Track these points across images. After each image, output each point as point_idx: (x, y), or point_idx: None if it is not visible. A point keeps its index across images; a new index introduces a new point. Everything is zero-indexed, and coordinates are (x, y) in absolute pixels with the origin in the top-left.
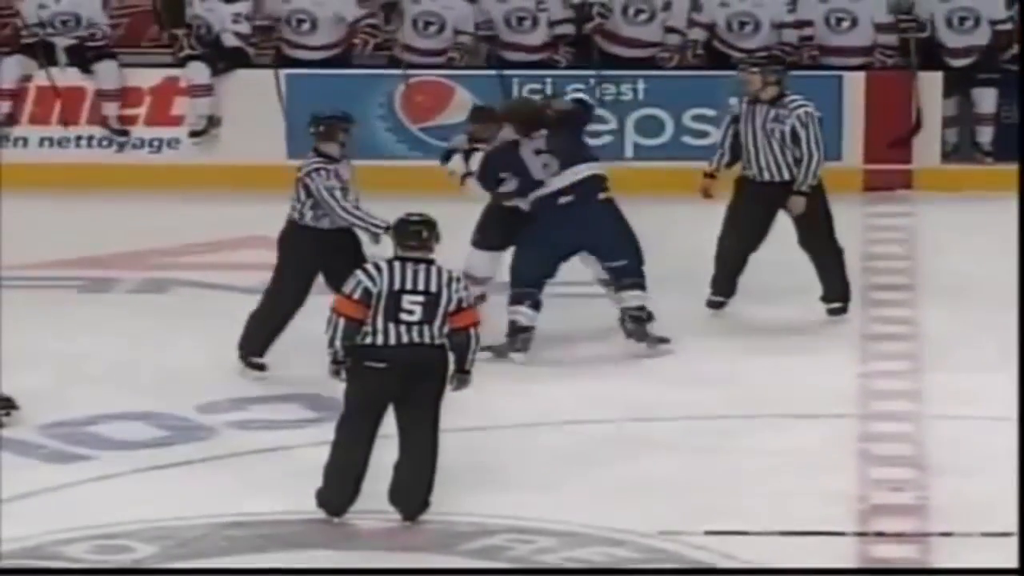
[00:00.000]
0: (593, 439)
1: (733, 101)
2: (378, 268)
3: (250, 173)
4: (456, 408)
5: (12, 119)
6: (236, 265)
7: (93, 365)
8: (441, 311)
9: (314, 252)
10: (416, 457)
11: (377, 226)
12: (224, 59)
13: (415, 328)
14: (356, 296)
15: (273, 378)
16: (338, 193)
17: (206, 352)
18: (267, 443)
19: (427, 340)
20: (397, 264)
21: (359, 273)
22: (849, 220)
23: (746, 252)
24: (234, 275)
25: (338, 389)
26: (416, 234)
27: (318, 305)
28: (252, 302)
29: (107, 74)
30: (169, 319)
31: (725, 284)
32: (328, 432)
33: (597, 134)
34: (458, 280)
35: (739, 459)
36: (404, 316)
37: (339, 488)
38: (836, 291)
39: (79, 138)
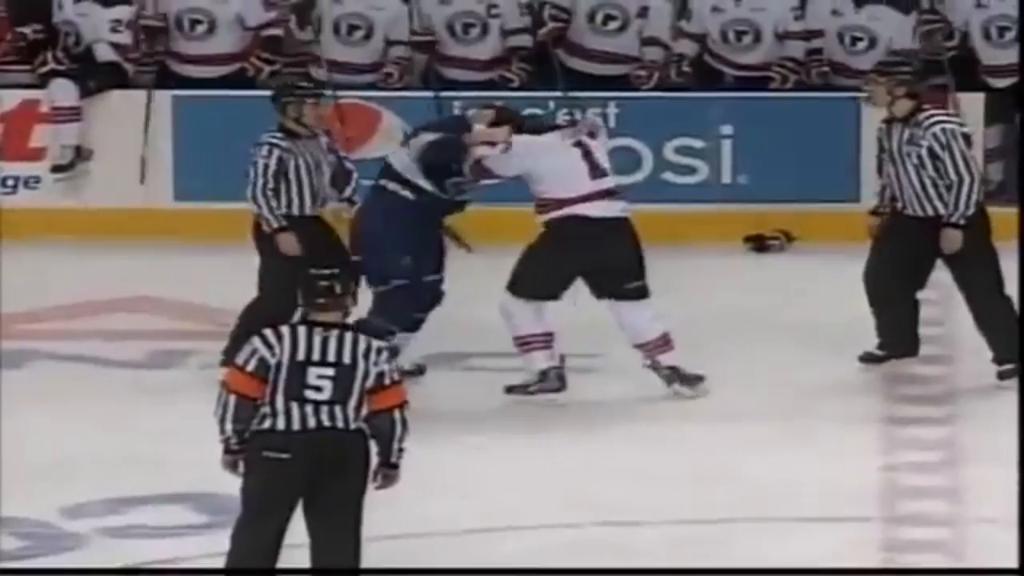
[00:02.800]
0: (557, 549)
1: (882, 127)
2: (278, 334)
3: (128, 219)
4: (386, 510)
5: None
6: (113, 333)
7: None
8: (357, 388)
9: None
10: (332, 571)
11: (269, 223)
12: (96, 76)
13: (324, 409)
14: (249, 368)
15: (156, 473)
16: (263, 171)
17: (74, 442)
18: (149, 555)
19: (340, 424)
20: (302, 329)
21: (255, 340)
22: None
23: (897, 296)
24: (110, 346)
25: (235, 486)
26: (327, 290)
27: (208, 380)
28: (134, 379)
29: None
30: (27, 400)
31: (888, 337)
32: (224, 540)
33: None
34: (379, 351)
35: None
36: (310, 394)
37: None
38: (1007, 349)
39: None
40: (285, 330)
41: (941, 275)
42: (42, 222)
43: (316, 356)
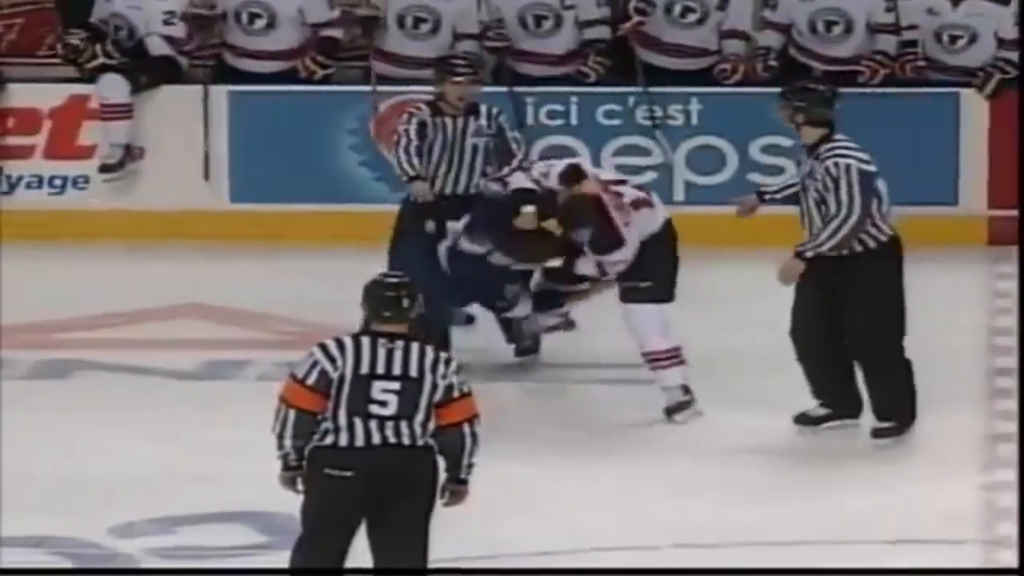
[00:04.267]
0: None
1: None
2: (340, 345)
3: (180, 222)
4: (451, 531)
5: None
6: (164, 342)
7: None
8: (424, 402)
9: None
10: None
11: (404, 173)
12: (148, 71)
13: (389, 424)
14: (310, 382)
15: (210, 491)
16: (404, 134)
17: (123, 457)
18: None
19: (406, 440)
20: (366, 341)
21: (315, 351)
22: (969, 283)
23: (816, 346)
24: (160, 355)
25: (295, 504)
26: (393, 302)
27: (265, 392)
28: (186, 390)
29: None
30: (75, 413)
31: (822, 392)
32: (282, 560)
33: (639, 170)
34: (447, 363)
35: None
36: (375, 409)
37: None
38: (890, 407)
39: None
40: (348, 341)
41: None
42: (90, 224)
43: (381, 369)
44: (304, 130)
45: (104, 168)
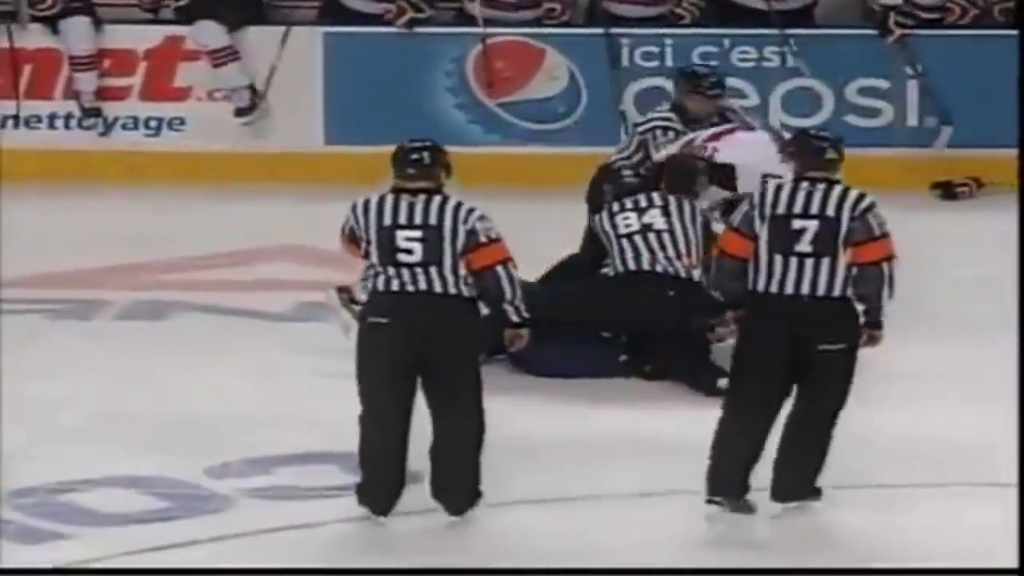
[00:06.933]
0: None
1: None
2: (366, 205)
3: (277, 163)
4: (555, 468)
5: None
6: (258, 284)
7: (70, 414)
8: (448, 248)
9: None
10: (452, 442)
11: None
12: (234, 6)
13: (419, 271)
14: (345, 231)
15: (304, 432)
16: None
17: (219, 398)
18: (297, 517)
19: (437, 287)
20: (390, 197)
21: (349, 208)
22: None
23: None
24: (256, 297)
25: None
26: (415, 162)
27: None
28: (280, 332)
29: (76, 34)
30: (170, 354)
31: None
32: None
33: (733, 112)
34: (471, 211)
35: None
36: (402, 257)
37: (377, 480)
38: None
39: (53, 117)
40: (373, 199)
41: None
42: (184, 167)
43: (403, 220)
44: (399, 72)
45: (239, 112)
